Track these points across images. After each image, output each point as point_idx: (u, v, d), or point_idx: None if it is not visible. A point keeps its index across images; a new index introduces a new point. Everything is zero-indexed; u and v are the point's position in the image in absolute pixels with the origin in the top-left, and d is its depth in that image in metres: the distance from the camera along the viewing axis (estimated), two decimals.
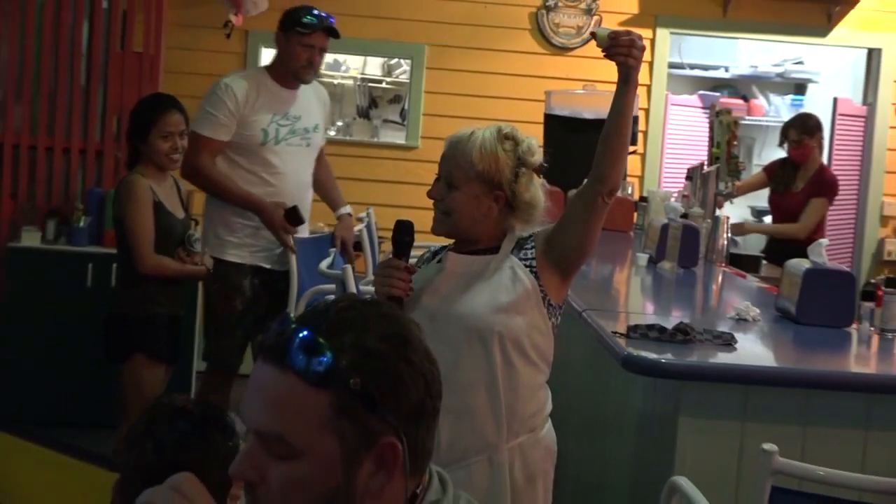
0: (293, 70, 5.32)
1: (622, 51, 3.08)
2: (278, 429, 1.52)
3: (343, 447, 1.52)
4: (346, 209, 5.81)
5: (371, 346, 1.54)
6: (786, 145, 7.43)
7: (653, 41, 8.20)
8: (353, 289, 4.90)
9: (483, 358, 3.12)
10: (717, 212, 6.14)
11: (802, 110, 9.41)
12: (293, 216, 5.27)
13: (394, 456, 1.54)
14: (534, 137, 3.35)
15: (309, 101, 5.47)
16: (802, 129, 7.23)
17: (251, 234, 5.29)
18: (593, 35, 3.13)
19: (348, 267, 5.03)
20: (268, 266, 5.36)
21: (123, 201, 4.88)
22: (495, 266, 3.16)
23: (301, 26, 5.24)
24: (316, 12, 5.32)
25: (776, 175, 7.49)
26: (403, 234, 3.12)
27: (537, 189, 3.25)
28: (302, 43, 5.26)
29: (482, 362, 3.12)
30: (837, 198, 8.13)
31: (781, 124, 9.41)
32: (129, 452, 2.59)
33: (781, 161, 7.63)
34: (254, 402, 1.55)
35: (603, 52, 3.13)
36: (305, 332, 1.52)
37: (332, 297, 5.08)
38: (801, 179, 7.31)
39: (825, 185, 7.33)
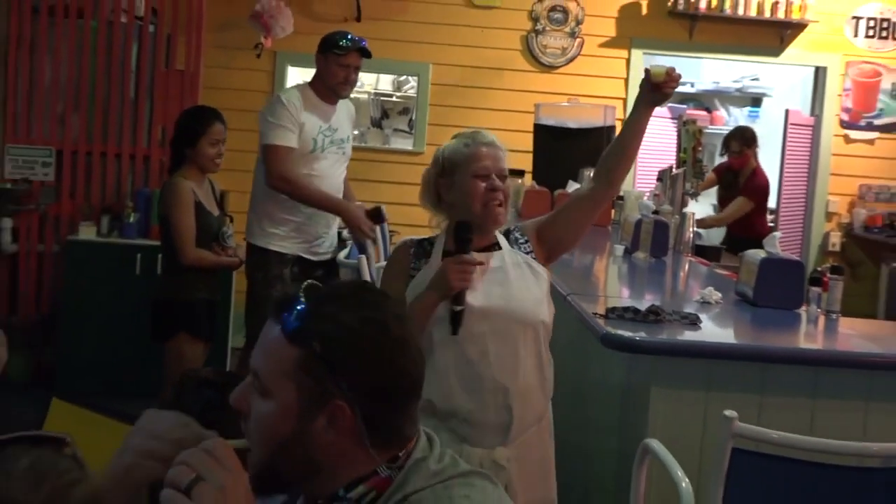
0: (332, 86, 5.30)
1: (673, 85, 3.10)
2: (259, 367, 1.59)
3: (300, 397, 1.56)
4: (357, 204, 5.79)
5: (347, 322, 1.57)
6: (726, 155, 7.75)
7: (628, 60, 8.21)
8: (367, 276, 4.92)
9: (533, 344, 3.11)
10: (684, 209, 6.13)
11: (756, 121, 9.46)
12: (376, 215, 5.30)
13: (342, 417, 1.57)
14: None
15: (342, 116, 5.46)
16: (742, 141, 7.51)
17: (295, 228, 5.27)
18: (647, 72, 3.10)
19: (363, 257, 5.06)
20: (307, 256, 5.34)
21: (169, 201, 4.88)
22: (511, 261, 3.13)
23: (337, 48, 5.22)
24: (350, 36, 5.29)
25: (724, 178, 7.80)
26: (468, 231, 3.05)
27: None
28: (339, 63, 5.24)
29: (533, 348, 3.11)
30: (788, 196, 8.17)
31: None
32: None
33: (727, 165, 7.85)
34: (257, 346, 1.63)
35: (653, 84, 3.09)
36: (299, 300, 1.59)
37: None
38: (741, 181, 7.61)
39: (754, 189, 7.55)
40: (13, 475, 1.34)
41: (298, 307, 1.57)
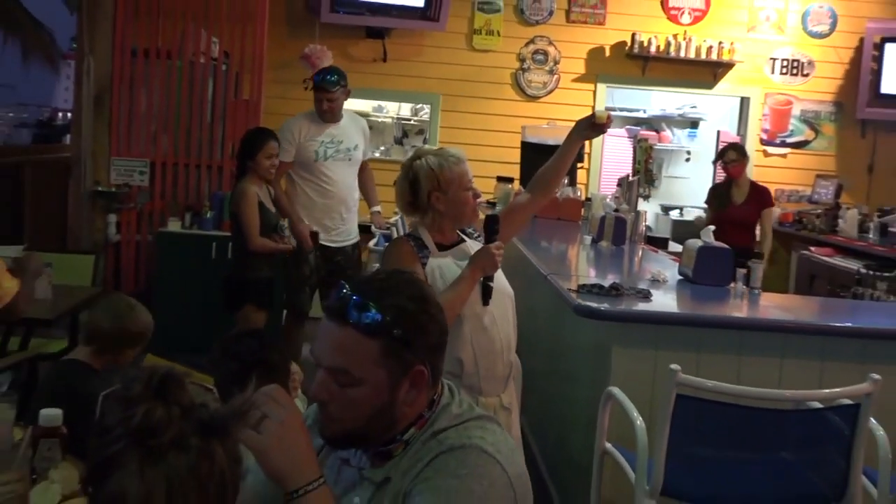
0: (318, 112, 5.30)
1: (608, 126, 3.13)
2: (344, 365, 1.53)
3: (389, 376, 1.54)
4: (377, 208, 5.75)
5: (404, 305, 1.55)
6: (721, 164, 6.74)
7: (594, 92, 8.20)
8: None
9: (512, 310, 3.09)
10: (638, 208, 6.11)
11: (694, 140, 9.42)
12: (315, 236, 5.22)
13: (422, 378, 1.56)
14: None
15: (349, 129, 5.40)
16: (740, 151, 6.64)
17: (315, 221, 5.25)
18: (593, 112, 3.14)
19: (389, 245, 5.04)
20: (326, 243, 5.32)
21: (238, 201, 4.88)
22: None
23: (315, 87, 5.24)
24: (323, 76, 5.23)
25: (716, 199, 6.67)
26: (496, 223, 3.00)
27: None
28: (316, 96, 5.25)
29: (512, 314, 3.09)
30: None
31: (682, 149, 9.45)
32: (219, 363, 2.60)
33: (713, 189, 6.99)
34: (324, 348, 1.55)
35: (595, 123, 3.11)
36: (357, 298, 1.53)
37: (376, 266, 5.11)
38: (737, 195, 6.52)
39: (767, 195, 6.62)
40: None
41: (368, 311, 1.52)
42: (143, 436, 1.18)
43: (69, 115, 12.69)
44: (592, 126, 3.11)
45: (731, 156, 6.56)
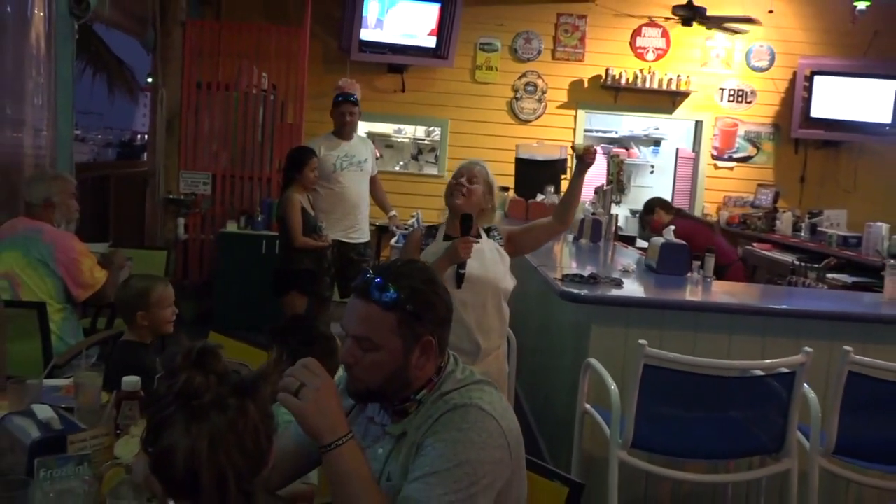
0: (338, 127, 5.30)
1: (590, 158, 3.15)
2: (367, 334, 1.54)
3: (404, 343, 1.55)
4: (393, 212, 5.72)
5: (416, 286, 1.56)
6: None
7: (575, 116, 8.15)
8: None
9: (494, 300, 3.06)
10: (610, 211, 6.08)
11: (657, 156, 9.38)
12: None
13: (430, 347, 1.57)
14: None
15: (359, 147, 5.40)
16: (650, 209, 5.84)
17: (334, 221, 5.21)
18: (573, 146, 3.15)
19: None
20: (344, 240, 5.27)
21: (286, 207, 4.86)
22: (487, 247, 3.09)
23: (336, 102, 5.29)
24: (344, 93, 5.30)
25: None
26: (469, 220, 3.01)
27: None
28: (338, 111, 5.27)
29: (494, 303, 3.06)
30: (679, 203, 8.02)
31: (647, 163, 9.41)
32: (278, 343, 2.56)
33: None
34: (351, 319, 1.57)
35: (577, 155, 3.15)
36: (378, 279, 1.55)
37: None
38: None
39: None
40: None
41: (387, 291, 1.52)
42: (186, 398, 1.18)
43: (146, 136, 12.75)
44: (580, 160, 3.15)
45: (646, 215, 5.81)
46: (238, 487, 1.18)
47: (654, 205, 5.88)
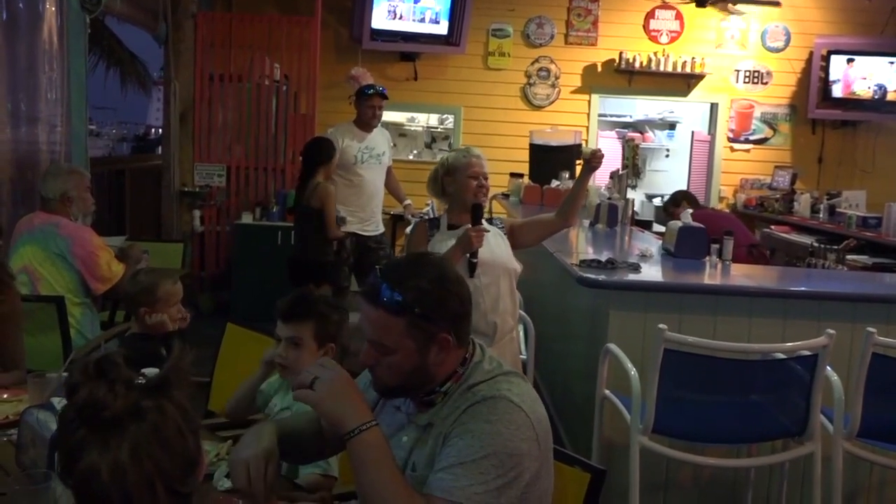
0: (366, 120, 5.29)
1: (597, 161, 3.14)
2: (379, 339, 1.55)
3: (417, 345, 1.54)
4: (408, 201, 5.75)
5: (423, 287, 1.54)
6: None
7: (589, 101, 8.09)
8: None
9: (508, 282, 3.10)
10: (627, 196, 6.03)
11: (672, 139, 9.30)
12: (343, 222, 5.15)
13: (447, 343, 1.56)
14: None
15: (379, 139, 5.41)
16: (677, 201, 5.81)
17: (351, 213, 5.22)
18: (580, 150, 3.16)
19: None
20: (360, 232, 5.30)
21: (324, 199, 4.82)
22: (492, 234, 3.11)
23: (366, 94, 5.26)
24: (374, 86, 5.30)
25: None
26: (479, 210, 3.04)
27: None
28: (368, 104, 5.25)
29: (507, 285, 3.10)
30: (695, 187, 8.05)
31: (662, 147, 9.34)
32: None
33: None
34: (364, 324, 1.57)
35: (584, 159, 3.17)
36: (384, 284, 1.53)
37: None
38: None
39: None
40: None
41: (392, 295, 1.51)
42: (94, 411, 1.07)
43: (160, 130, 12.77)
44: (586, 163, 3.16)
45: (672, 206, 5.75)
46: (169, 490, 1.08)
47: (682, 198, 5.86)
